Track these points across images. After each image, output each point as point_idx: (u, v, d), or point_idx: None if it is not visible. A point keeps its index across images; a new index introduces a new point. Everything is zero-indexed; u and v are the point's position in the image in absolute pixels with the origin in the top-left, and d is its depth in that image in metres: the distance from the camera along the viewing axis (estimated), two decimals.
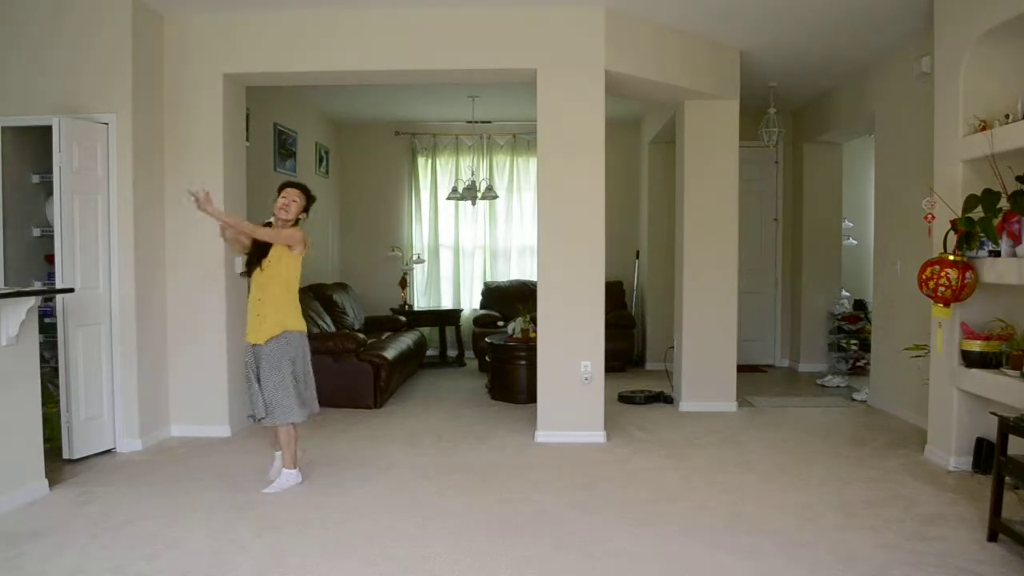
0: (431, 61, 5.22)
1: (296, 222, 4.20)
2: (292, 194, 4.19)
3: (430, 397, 6.79)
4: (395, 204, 9.33)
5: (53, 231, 4.53)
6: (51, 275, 4.73)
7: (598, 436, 5.19)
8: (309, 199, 4.28)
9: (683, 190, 6.14)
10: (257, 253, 4.13)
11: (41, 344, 4.12)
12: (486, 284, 9.12)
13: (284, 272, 4.11)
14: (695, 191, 6.08)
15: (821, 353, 8.04)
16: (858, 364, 7.51)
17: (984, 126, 4.17)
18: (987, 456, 4.21)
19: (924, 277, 4.18)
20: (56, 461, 4.42)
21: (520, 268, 9.33)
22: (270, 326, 4.07)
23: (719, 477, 4.35)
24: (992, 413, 3.59)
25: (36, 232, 4.93)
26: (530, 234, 8.85)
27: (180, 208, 5.22)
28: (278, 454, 4.30)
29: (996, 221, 3.93)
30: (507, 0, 5.09)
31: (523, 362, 6.47)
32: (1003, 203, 3.94)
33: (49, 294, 4.44)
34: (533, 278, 8.16)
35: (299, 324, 4.18)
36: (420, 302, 9.32)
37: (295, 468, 4.17)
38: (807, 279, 8.06)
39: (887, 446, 5.02)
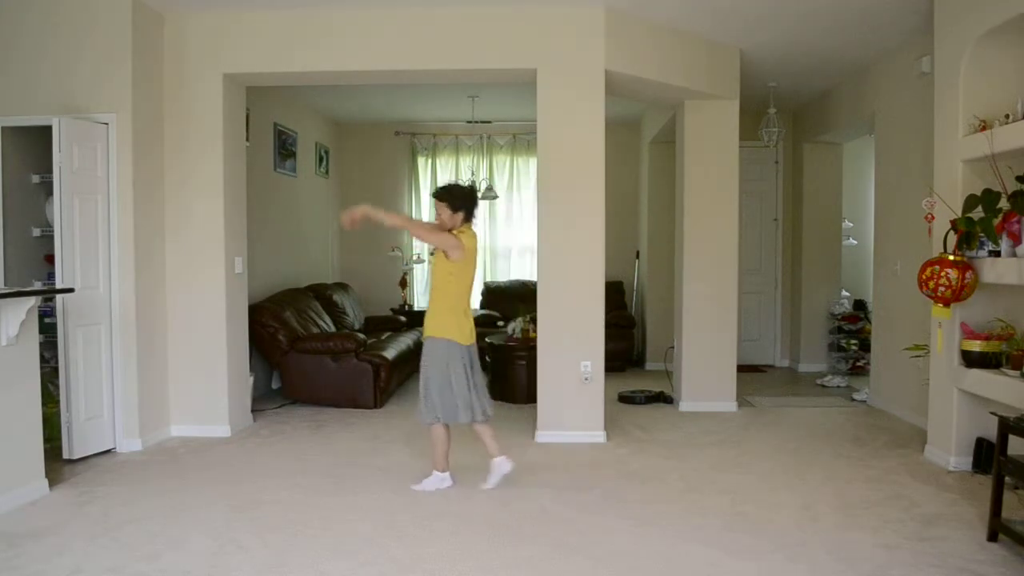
0: (431, 61, 5.22)
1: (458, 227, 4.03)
2: (436, 207, 4.03)
3: None
4: (395, 204, 9.31)
5: (53, 231, 4.53)
6: (51, 275, 4.73)
7: (598, 436, 5.19)
8: (455, 202, 3.99)
9: (683, 190, 6.14)
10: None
11: (41, 344, 4.12)
12: (486, 284, 9.12)
13: (438, 274, 4.05)
14: (695, 191, 6.08)
15: (821, 353, 8.04)
16: (858, 364, 7.51)
17: (984, 126, 4.17)
18: (987, 456, 4.21)
19: (924, 277, 4.18)
20: (56, 461, 4.42)
21: (520, 268, 9.33)
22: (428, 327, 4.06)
23: (719, 477, 4.35)
24: (992, 413, 3.59)
25: (36, 232, 4.93)
26: (530, 234, 8.83)
27: (180, 207, 5.24)
28: (494, 460, 4.13)
29: (996, 221, 3.93)
30: (507, 0, 5.09)
31: (523, 362, 6.47)
32: (1003, 203, 3.94)
33: (49, 294, 4.44)
34: (533, 278, 8.13)
35: (444, 331, 3.99)
36: (420, 302, 9.31)
37: (444, 471, 4.12)
38: (807, 279, 8.06)
39: (887, 446, 5.01)
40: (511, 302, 8.24)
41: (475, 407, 4.02)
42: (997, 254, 4.05)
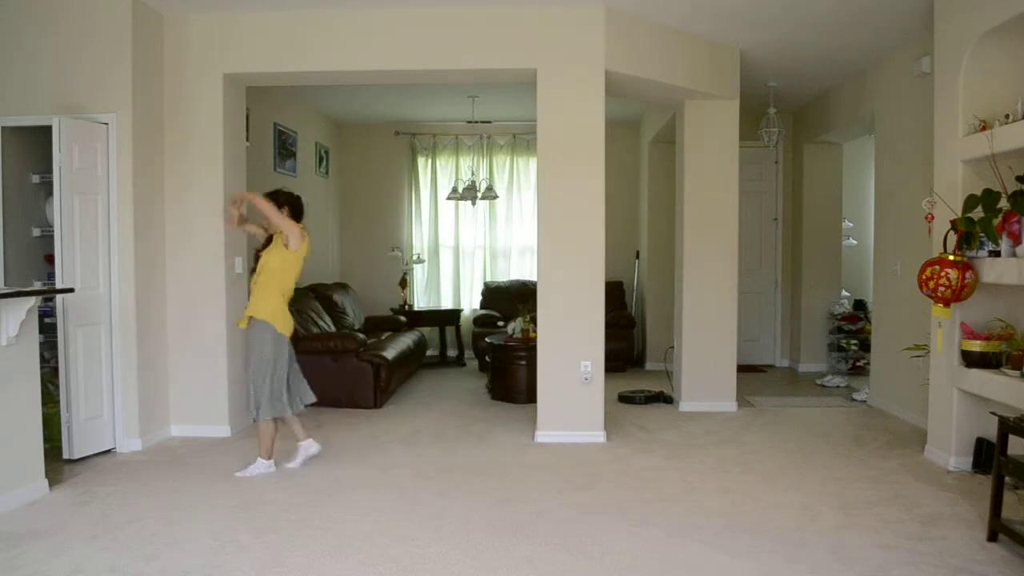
0: (431, 61, 5.22)
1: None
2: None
3: (430, 397, 6.79)
4: (395, 204, 9.34)
5: (53, 231, 4.53)
6: (51, 275, 4.73)
7: (598, 436, 5.19)
8: (282, 204, 4.38)
9: (683, 190, 6.14)
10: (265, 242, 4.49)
11: (41, 344, 4.12)
12: (486, 284, 9.12)
13: (271, 265, 4.35)
14: (695, 191, 6.08)
15: (821, 353, 8.04)
16: (858, 364, 7.51)
17: (984, 126, 4.17)
18: (987, 456, 4.21)
19: (924, 277, 4.18)
20: (56, 461, 4.42)
21: (520, 268, 9.33)
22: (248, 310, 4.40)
23: (719, 477, 4.35)
24: (992, 413, 3.59)
25: (36, 232, 4.93)
26: (530, 234, 8.85)
27: (180, 207, 5.24)
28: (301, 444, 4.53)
29: (996, 221, 3.93)
30: (507, 0, 5.09)
31: (523, 362, 6.47)
32: (1003, 203, 3.94)
33: (49, 294, 4.44)
34: (533, 278, 8.17)
35: (272, 317, 4.29)
36: (420, 302, 9.32)
37: (270, 459, 4.43)
38: (807, 279, 8.06)
39: (887, 446, 5.01)
40: (511, 302, 8.25)
41: (294, 399, 4.44)
42: (997, 254, 4.05)
